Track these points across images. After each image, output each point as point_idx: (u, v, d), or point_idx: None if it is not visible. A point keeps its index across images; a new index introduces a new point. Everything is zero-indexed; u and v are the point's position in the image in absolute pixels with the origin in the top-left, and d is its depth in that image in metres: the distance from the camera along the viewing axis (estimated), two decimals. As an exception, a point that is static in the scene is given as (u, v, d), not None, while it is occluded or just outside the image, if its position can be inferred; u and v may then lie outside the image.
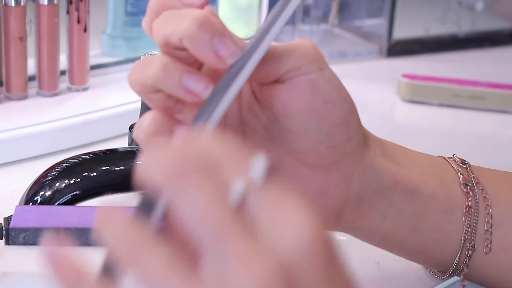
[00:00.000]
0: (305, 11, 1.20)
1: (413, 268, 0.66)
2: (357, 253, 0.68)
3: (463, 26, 1.26)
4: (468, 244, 0.58)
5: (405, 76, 1.05)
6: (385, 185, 0.56)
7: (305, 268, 0.35)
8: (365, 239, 0.59)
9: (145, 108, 0.75)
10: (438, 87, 1.04)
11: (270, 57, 0.51)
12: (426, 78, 1.05)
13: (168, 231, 0.39)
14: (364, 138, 0.56)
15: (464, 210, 0.58)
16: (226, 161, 0.37)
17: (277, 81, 0.52)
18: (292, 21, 1.21)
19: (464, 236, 0.58)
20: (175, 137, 0.39)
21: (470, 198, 0.58)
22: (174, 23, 0.49)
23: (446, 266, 0.60)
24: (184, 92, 0.48)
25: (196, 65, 0.51)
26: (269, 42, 0.48)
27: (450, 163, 0.60)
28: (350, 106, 0.54)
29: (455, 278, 0.62)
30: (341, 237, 0.70)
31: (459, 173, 0.59)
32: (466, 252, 0.59)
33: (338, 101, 0.53)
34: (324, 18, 1.25)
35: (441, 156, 0.61)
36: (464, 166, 0.60)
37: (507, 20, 1.31)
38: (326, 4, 1.24)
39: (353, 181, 0.55)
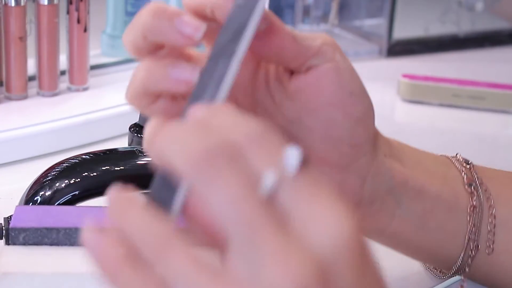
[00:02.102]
0: (305, 11, 1.20)
1: (413, 268, 0.66)
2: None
3: (463, 26, 1.26)
4: (472, 244, 0.59)
5: (405, 76, 1.05)
6: (394, 185, 0.56)
7: (341, 266, 0.34)
8: (371, 238, 0.59)
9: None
10: (438, 87, 1.04)
11: (295, 40, 0.50)
12: (426, 78, 1.05)
13: (189, 219, 0.37)
14: (376, 137, 0.56)
15: (468, 210, 0.58)
16: (257, 147, 0.35)
17: (303, 69, 0.51)
18: (292, 21, 1.21)
19: (468, 235, 0.58)
20: (193, 113, 0.37)
21: (474, 198, 0.58)
22: (132, 24, 0.48)
23: (449, 266, 0.60)
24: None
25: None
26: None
27: (453, 162, 0.60)
28: (369, 100, 0.54)
29: (455, 279, 0.62)
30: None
31: (463, 173, 0.59)
32: (470, 252, 0.59)
33: (361, 94, 0.53)
34: (324, 18, 1.25)
35: (445, 156, 0.61)
36: (468, 166, 0.60)
37: (507, 20, 1.31)
38: (326, 4, 1.24)
39: (367, 181, 0.55)
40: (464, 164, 0.60)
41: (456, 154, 0.61)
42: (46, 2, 0.86)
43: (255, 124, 0.35)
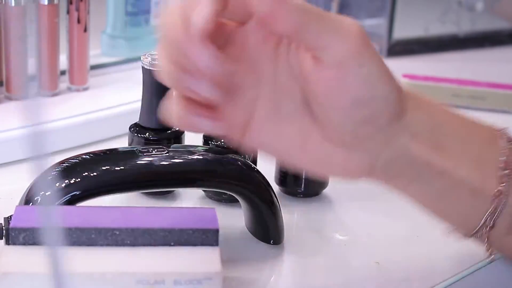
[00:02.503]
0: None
1: (413, 268, 0.66)
2: (357, 253, 0.68)
3: (463, 26, 1.26)
4: (488, 223, 0.59)
5: (405, 76, 1.05)
6: (415, 164, 0.57)
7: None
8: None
9: (146, 108, 0.75)
10: (438, 87, 1.04)
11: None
12: (426, 78, 1.05)
13: None
14: (398, 118, 0.55)
15: (493, 195, 0.58)
16: None
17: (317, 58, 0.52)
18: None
19: (487, 216, 0.59)
20: None
21: (504, 184, 0.58)
22: (159, 58, 0.54)
23: (466, 234, 0.61)
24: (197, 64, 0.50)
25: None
26: None
27: (498, 139, 0.60)
28: (380, 101, 0.54)
29: (455, 278, 0.63)
30: (341, 237, 0.70)
31: (504, 156, 0.59)
32: (485, 229, 0.59)
33: (368, 99, 0.54)
34: (324, 18, 1.24)
35: (494, 129, 0.61)
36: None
37: (507, 20, 1.31)
38: (326, 4, 1.24)
39: (379, 160, 0.56)
40: (509, 145, 0.59)
41: (505, 129, 0.61)
42: (46, 2, 0.86)
43: None
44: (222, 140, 0.73)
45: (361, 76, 0.52)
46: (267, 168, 0.73)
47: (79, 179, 0.62)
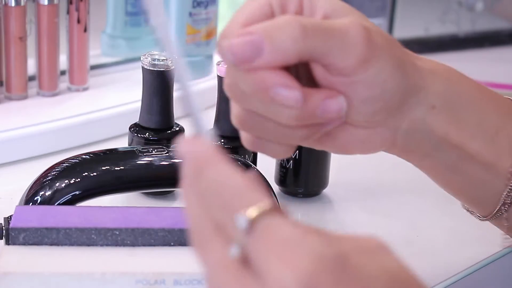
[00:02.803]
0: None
1: (413, 268, 0.66)
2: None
3: (463, 26, 1.26)
4: (506, 201, 0.59)
5: (405, 76, 1.05)
6: (433, 137, 0.57)
7: None
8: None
9: (146, 108, 0.75)
10: (438, 87, 1.04)
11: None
12: (426, 78, 1.05)
13: None
14: (410, 92, 0.55)
15: (509, 171, 0.58)
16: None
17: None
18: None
19: (505, 194, 0.58)
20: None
21: None
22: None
23: (483, 213, 0.61)
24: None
25: None
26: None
27: None
28: (390, 95, 0.54)
29: (455, 278, 0.63)
30: (341, 237, 0.70)
31: None
32: (503, 207, 0.59)
33: (375, 99, 0.54)
34: (324, 18, 1.25)
35: None
36: None
37: (507, 20, 1.31)
38: (326, 4, 1.24)
39: (399, 133, 0.56)
40: None
41: None
42: (46, 2, 0.86)
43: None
44: (222, 141, 0.73)
45: (368, 79, 0.53)
46: (267, 168, 0.73)
47: (79, 179, 0.62)
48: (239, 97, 0.53)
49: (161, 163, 0.64)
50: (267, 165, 0.74)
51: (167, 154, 0.65)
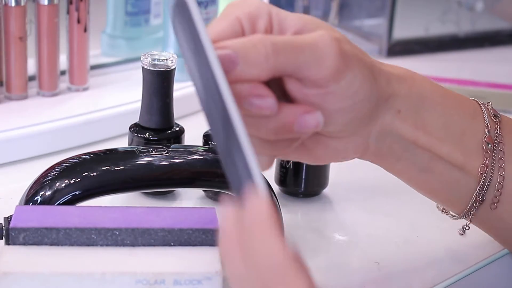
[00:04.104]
0: (305, 11, 1.20)
1: (413, 268, 0.66)
2: (357, 253, 0.68)
3: (463, 26, 1.26)
4: (477, 198, 0.61)
5: (405, 76, 1.05)
6: (402, 141, 0.58)
7: None
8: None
9: (146, 108, 0.75)
10: (438, 87, 1.04)
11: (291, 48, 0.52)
12: (426, 78, 1.05)
13: None
14: (380, 100, 0.57)
15: (480, 169, 0.60)
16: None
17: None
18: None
19: (476, 192, 0.60)
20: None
21: (488, 158, 0.60)
22: None
23: (455, 211, 0.63)
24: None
25: None
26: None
27: (483, 113, 0.61)
28: (363, 104, 0.56)
29: (455, 278, 0.63)
30: (341, 237, 0.70)
31: (486, 130, 0.60)
32: (474, 204, 0.61)
33: (346, 109, 0.55)
34: (324, 18, 1.25)
35: (477, 103, 0.62)
36: (495, 120, 0.61)
37: (507, 20, 1.31)
38: (326, 4, 1.24)
39: (371, 139, 0.58)
40: (492, 118, 0.61)
41: (487, 103, 0.62)
42: (46, 2, 0.86)
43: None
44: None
45: (341, 90, 0.54)
46: (267, 168, 0.73)
47: (79, 179, 0.62)
48: None
49: (161, 163, 0.64)
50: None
51: (167, 154, 0.65)
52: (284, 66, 0.52)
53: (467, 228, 0.66)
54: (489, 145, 0.60)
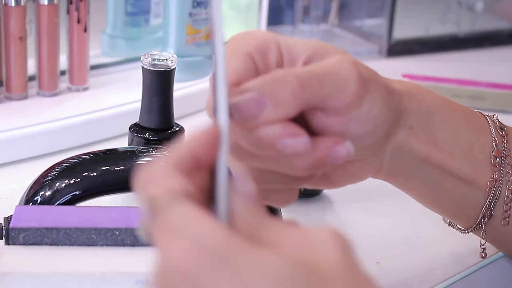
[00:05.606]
0: (305, 11, 1.20)
1: (413, 268, 0.66)
2: (357, 253, 0.68)
3: (463, 26, 1.26)
4: (486, 213, 0.60)
5: (405, 76, 1.05)
6: (415, 158, 0.58)
7: None
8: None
9: (146, 108, 0.75)
10: (438, 87, 1.04)
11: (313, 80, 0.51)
12: (426, 78, 1.05)
13: None
14: (395, 119, 0.56)
15: (489, 183, 0.59)
16: None
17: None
18: (292, 21, 1.21)
19: (485, 206, 0.60)
20: None
21: (496, 172, 0.60)
22: None
23: (465, 226, 0.62)
24: None
25: None
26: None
27: (489, 126, 0.61)
28: (381, 127, 0.55)
29: (455, 278, 0.63)
30: (341, 237, 0.70)
31: (494, 144, 0.60)
32: (484, 219, 0.61)
33: (367, 134, 0.54)
34: (324, 18, 1.25)
35: (483, 115, 0.62)
36: (502, 133, 0.60)
37: (507, 20, 1.31)
38: (326, 4, 1.24)
39: (385, 158, 0.57)
40: (499, 131, 0.60)
41: (493, 115, 0.62)
42: (46, 2, 0.86)
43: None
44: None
45: (362, 115, 0.53)
46: (267, 168, 0.73)
47: (79, 179, 0.62)
48: (243, 157, 0.52)
49: (161, 163, 0.64)
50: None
51: (167, 154, 0.65)
52: (310, 99, 0.51)
53: (484, 247, 0.65)
54: (497, 159, 0.60)
